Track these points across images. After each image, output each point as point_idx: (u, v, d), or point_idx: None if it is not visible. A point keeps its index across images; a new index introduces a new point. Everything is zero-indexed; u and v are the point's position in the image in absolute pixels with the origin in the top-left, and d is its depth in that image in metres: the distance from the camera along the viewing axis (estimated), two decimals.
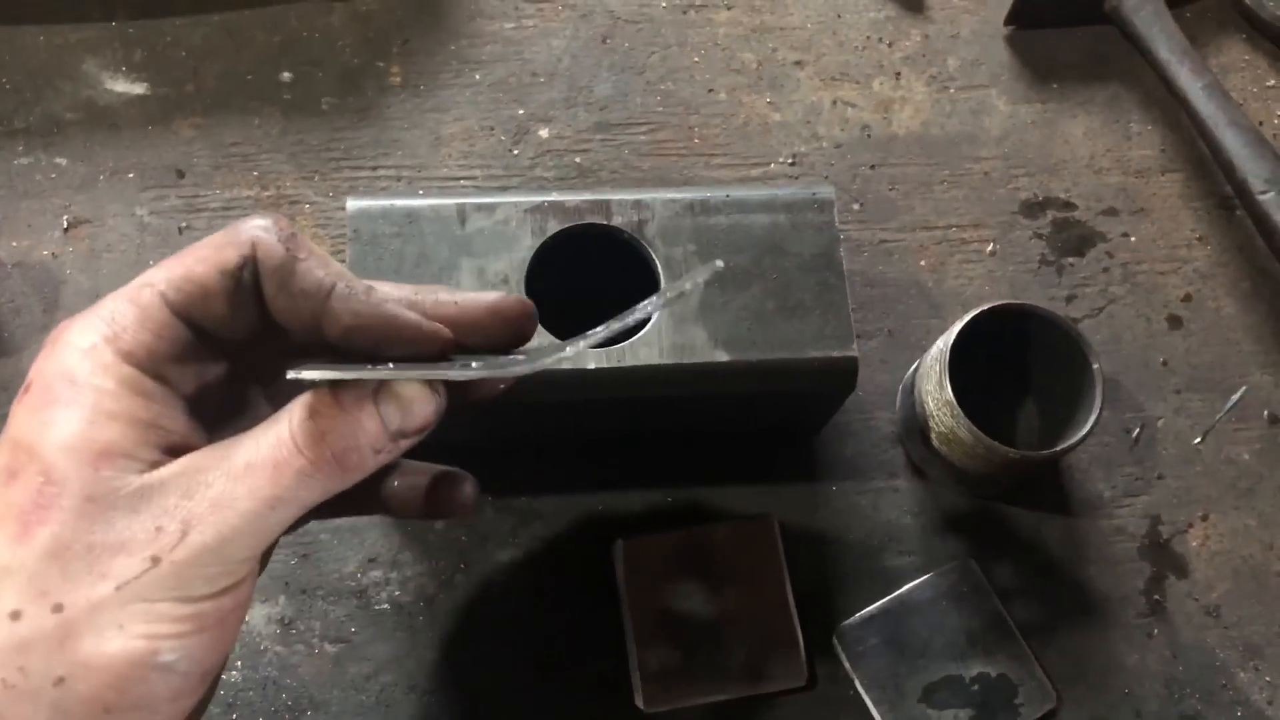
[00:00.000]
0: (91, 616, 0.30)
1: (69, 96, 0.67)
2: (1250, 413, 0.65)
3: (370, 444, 0.34)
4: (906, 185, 0.69)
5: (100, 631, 0.30)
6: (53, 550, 0.31)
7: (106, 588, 0.31)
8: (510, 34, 0.71)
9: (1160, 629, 0.61)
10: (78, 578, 0.31)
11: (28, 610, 0.30)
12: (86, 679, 0.30)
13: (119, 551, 0.31)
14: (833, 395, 0.56)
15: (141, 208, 0.65)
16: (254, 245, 0.34)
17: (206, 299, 0.34)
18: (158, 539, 0.31)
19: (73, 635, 0.30)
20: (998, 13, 0.73)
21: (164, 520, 0.31)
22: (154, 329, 0.33)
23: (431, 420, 0.35)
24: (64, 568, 0.31)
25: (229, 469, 0.32)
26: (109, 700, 0.31)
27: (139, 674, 0.31)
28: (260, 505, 0.32)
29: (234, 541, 0.32)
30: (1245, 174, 0.66)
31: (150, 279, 0.34)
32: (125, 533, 0.31)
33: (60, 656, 0.30)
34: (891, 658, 0.58)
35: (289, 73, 0.69)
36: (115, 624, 0.31)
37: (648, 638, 0.55)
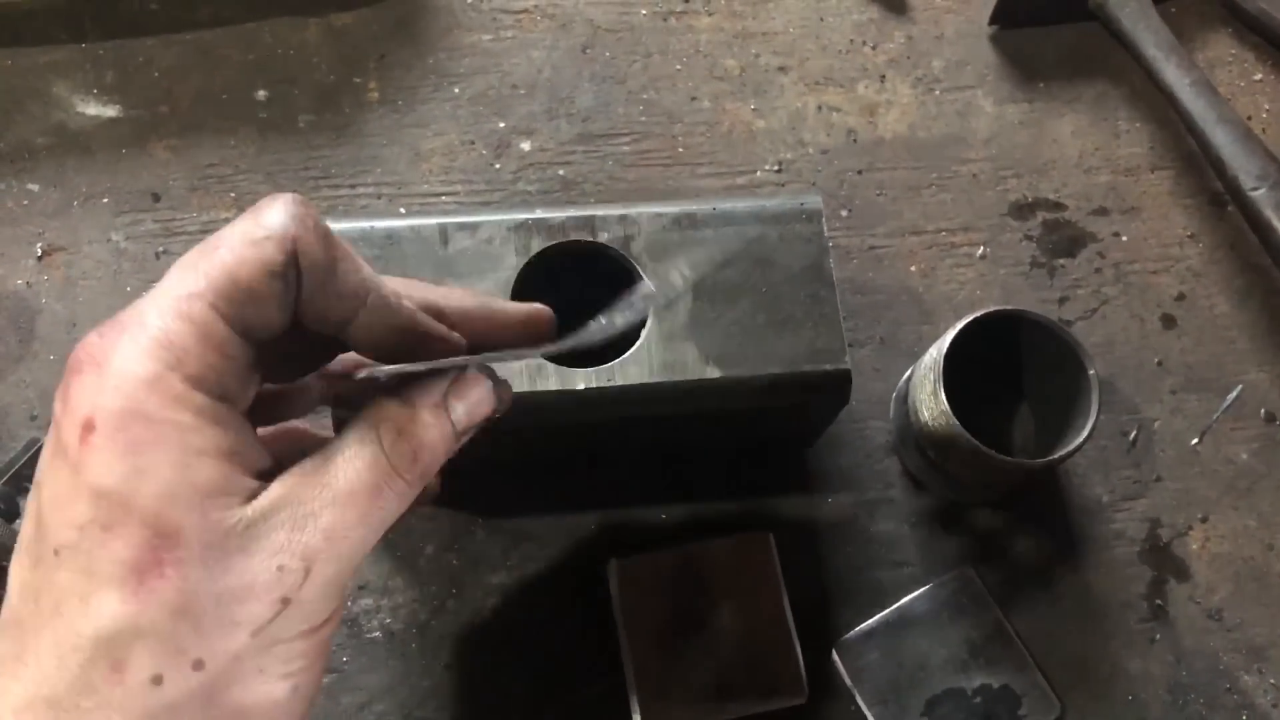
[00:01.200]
0: (233, 667, 0.30)
1: (40, 121, 0.66)
2: (1247, 411, 0.65)
3: (445, 449, 0.35)
4: (894, 190, 0.68)
5: (244, 681, 0.30)
6: (181, 606, 0.29)
7: (242, 636, 0.30)
8: (489, 46, 0.70)
9: (1163, 633, 0.60)
10: (211, 632, 0.30)
11: (168, 672, 0.29)
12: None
13: (246, 597, 0.30)
14: (826, 408, 0.55)
15: (117, 233, 0.64)
16: (293, 241, 0.31)
17: (259, 306, 0.31)
18: (282, 579, 0.31)
19: (218, 689, 0.30)
20: (982, 12, 0.73)
21: (283, 559, 0.31)
22: (216, 349, 0.30)
23: (491, 413, 0.36)
24: (194, 623, 0.29)
25: (333, 497, 0.32)
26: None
27: (281, 712, 0.32)
28: (368, 530, 0.33)
29: (348, 569, 0.32)
30: (1235, 170, 0.65)
31: (193, 287, 0.30)
32: (247, 576, 0.30)
33: (209, 713, 0.30)
34: (892, 671, 0.57)
35: (264, 91, 0.68)
36: (256, 670, 0.31)
37: (645, 658, 0.55)
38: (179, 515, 0.29)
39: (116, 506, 0.29)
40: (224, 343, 0.31)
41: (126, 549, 0.29)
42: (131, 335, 0.30)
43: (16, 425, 0.60)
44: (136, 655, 0.29)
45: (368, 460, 0.33)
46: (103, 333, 0.30)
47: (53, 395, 0.58)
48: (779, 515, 0.60)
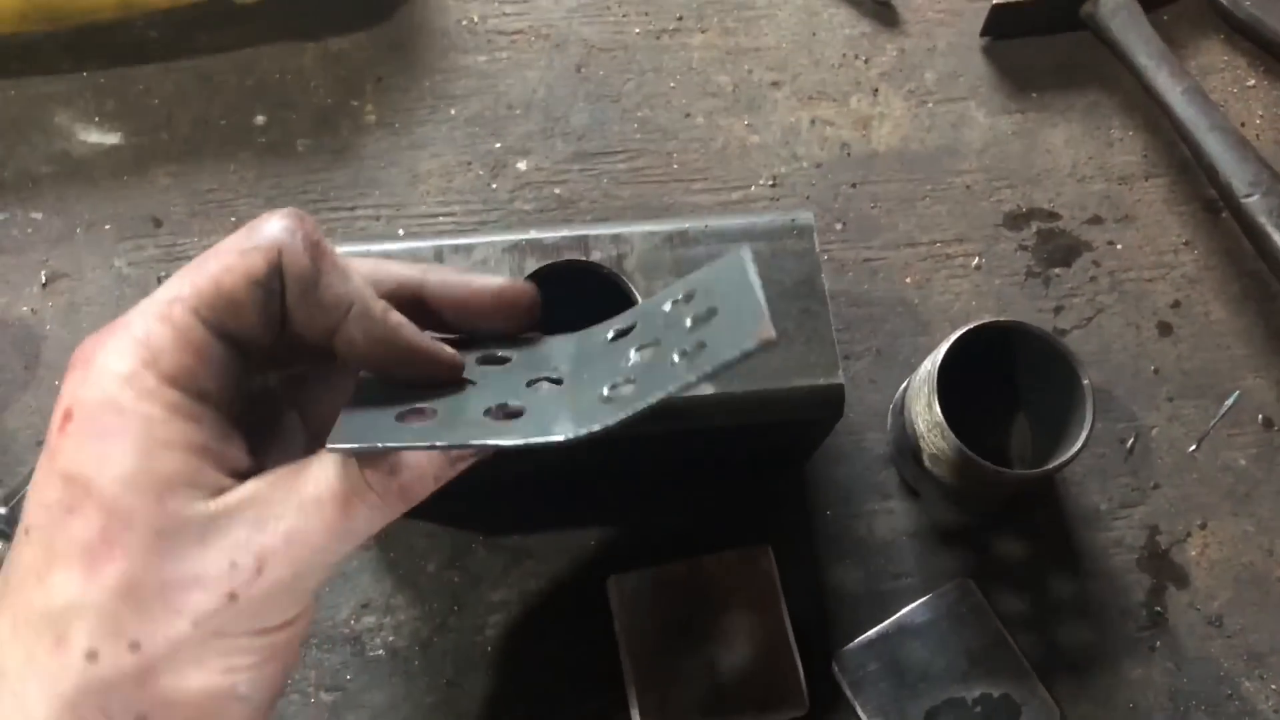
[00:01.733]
0: (170, 654, 0.30)
1: (43, 150, 0.67)
2: (1244, 417, 0.65)
3: (434, 473, 0.34)
4: (888, 202, 0.69)
5: (179, 669, 0.30)
6: (124, 588, 0.30)
7: (183, 625, 0.30)
8: (484, 67, 0.71)
9: (1163, 641, 0.60)
10: (153, 615, 0.30)
11: (104, 650, 0.30)
12: (168, 715, 0.31)
13: (193, 587, 0.31)
14: (821, 423, 0.56)
15: (119, 259, 0.65)
16: (280, 251, 0.32)
17: (239, 312, 0.32)
18: (232, 575, 0.31)
19: (152, 674, 0.30)
20: (974, 24, 0.73)
21: (237, 555, 0.31)
22: (192, 349, 0.32)
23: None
24: (137, 605, 0.30)
25: (299, 502, 0.32)
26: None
27: (218, 707, 0.31)
28: (332, 541, 0.32)
29: (306, 575, 0.32)
30: (1229, 177, 0.65)
31: (178, 293, 0.32)
32: (198, 567, 0.31)
33: (140, 695, 0.30)
34: (892, 682, 0.57)
35: (263, 116, 0.69)
36: (194, 660, 0.31)
37: (645, 673, 0.55)
38: (134, 501, 0.30)
39: (80, 489, 0.30)
40: (202, 345, 0.32)
41: (84, 530, 0.30)
42: (117, 336, 0.32)
43: (23, 451, 0.61)
44: (76, 631, 0.30)
45: (340, 471, 0.33)
46: (97, 334, 0.32)
47: None
48: (778, 528, 0.61)
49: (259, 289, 0.32)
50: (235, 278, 0.32)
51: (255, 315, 0.33)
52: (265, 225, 0.33)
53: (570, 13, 0.72)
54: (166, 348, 0.32)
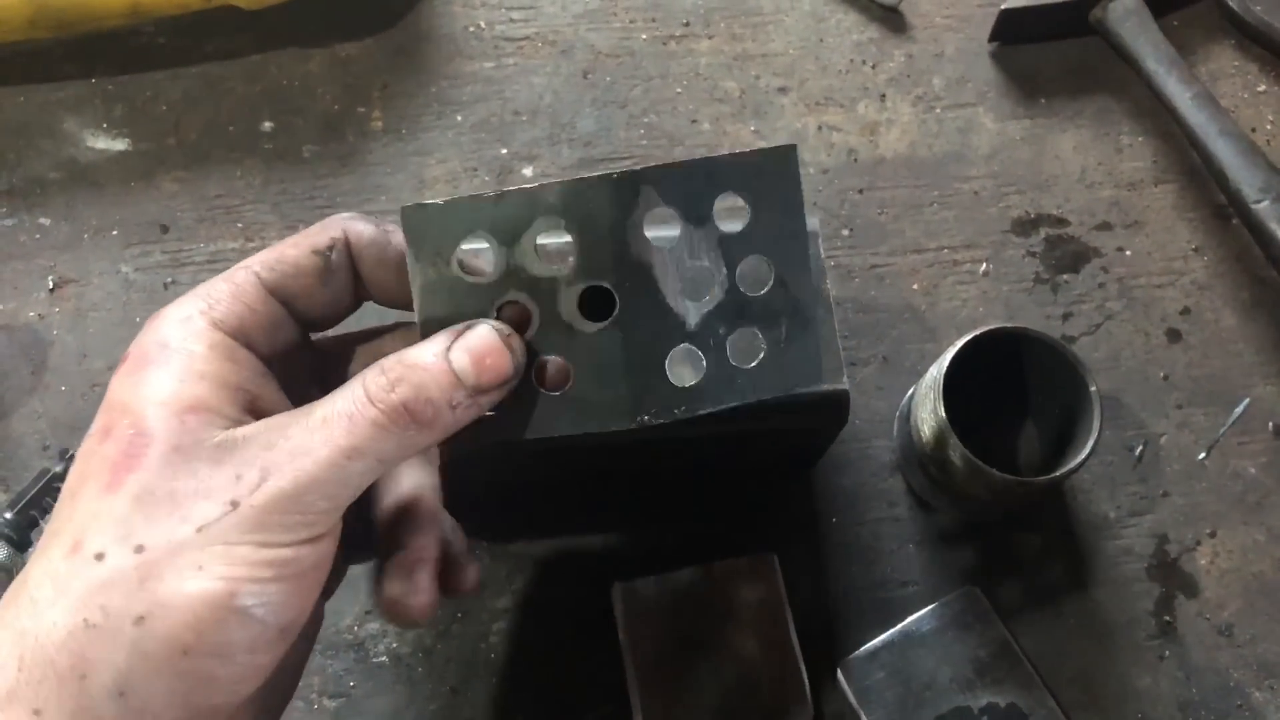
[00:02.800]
0: (172, 557, 0.31)
1: (51, 156, 0.67)
2: (1255, 425, 0.64)
3: (444, 396, 0.34)
4: (896, 208, 0.68)
5: (180, 572, 0.31)
6: (138, 496, 0.32)
7: (187, 530, 0.32)
8: (491, 73, 0.71)
9: (1172, 650, 0.60)
10: (160, 521, 0.32)
11: (110, 551, 0.31)
12: (165, 618, 0.31)
13: (201, 497, 0.32)
14: (826, 430, 0.55)
15: (126, 265, 0.65)
16: (344, 229, 0.37)
17: (299, 276, 0.37)
18: (237, 485, 0.32)
19: (153, 575, 0.31)
20: (982, 29, 0.73)
21: (244, 469, 0.32)
22: (246, 302, 0.36)
23: (508, 375, 0.36)
24: (148, 512, 0.32)
25: (307, 423, 0.33)
26: (187, 641, 0.31)
27: (217, 616, 0.31)
28: (337, 454, 0.33)
29: (312, 489, 0.33)
30: (1238, 183, 0.65)
31: (247, 263, 0.37)
32: (208, 481, 0.32)
33: (140, 595, 0.31)
34: (898, 691, 0.57)
35: (270, 122, 0.69)
36: (194, 565, 0.31)
37: (650, 681, 0.55)
38: (159, 419, 0.33)
39: (117, 412, 0.33)
40: (255, 299, 0.36)
41: (113, 446, 0.33)
42: (186, 295, 0.36)
43: (29, 456, 0.61)
44: (91, 535, 0.32)
45: (346, 392, 0.34)
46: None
47: (65, 427, 0.59)
48: (783, 536, 0.60)
49: (318, 257, 0.37)
50: (299, 249, 0.37)
51: (315, 281, 0.37)
52: (334, 216, 0.38)
53: (577, 19, 0.72)
54: (221, 299, 0.35)
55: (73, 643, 0.31)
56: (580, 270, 0.37)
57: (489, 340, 0.35)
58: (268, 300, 0.36)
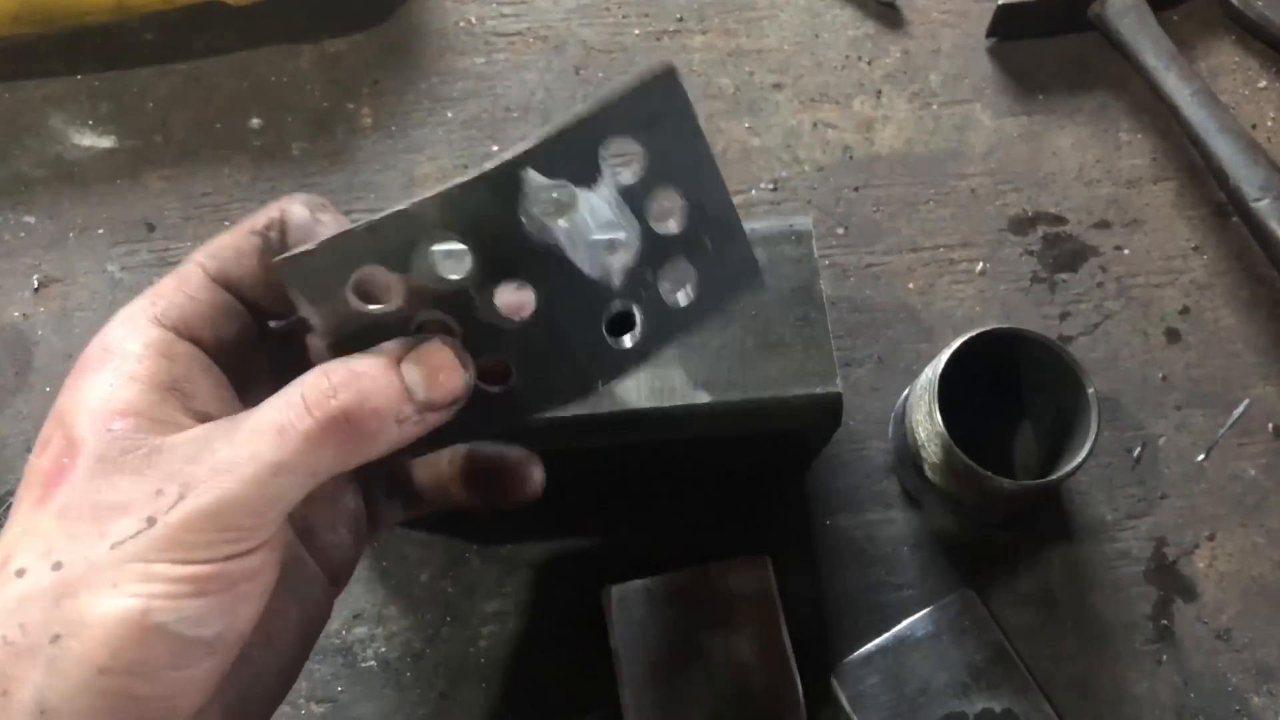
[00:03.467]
0: (87, 575, 0.30)
1: (36, 153, 0.66)
2: (1255, 426, 0.63)
3: (390, 409, 0.33)
4: (891, 206, 0.68)
5: (95, 589, 0.30)
6: (62, 511, 0.31)
7: (103, 547, 0.31)
8: (482, 69, 0.70)
9: (1169, 655, 0.59)
10: (79, 538, 0.31)
11: (31, 568, 0.31)
12: (80, 636, 0.30)
13: (120, 512, 0.31)
14: (819, 432, 0.55)
15: (112, 264, 0.64)
16: (282, 209, 0.36)
17: (239, 258, 0.36)
18: (156, 501, 0.31)
19: (69, 593, 0.30)
20: (979, 25, 0.72)
21: (164, 483, 0.31)
22: (189, 291, 0.35)
23: (460, 393, 0.34)
24: (69, 528, 0.31)
25: (233, 434, 0.32)
26: (102, 661, 0.30)
27: (133, 635, 0.30)
28: (263, 471, 0.31)
29: (234, 507, 0.31)
30: (1238, 181, 0.64)
31: (193, 255, 0.36)
32: (128, 494, 0.31)
33: (56, 613, 0.30)
34: (892, 696, 0.56)
35: (258, 119, 0.68)
36: (109, 582, 0.30)
37: (642, 684, 0.54)
38: (86, 428, 0.32)
39: (55, 423, 0.33)
40: (198, 288, 0.35)
41: (46, 459, 0.32)
42: (141, 294, 0.35)
43: (13, 457, 0.60)
44: (18, 552, 0.31)
45: (279, 401, 0.32)
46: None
47: None
48: (777, 538, 0.60)
49: (255, 237, 0.36)
50: (238, 233, 0.36)
51: (254, 261, 0.36)
52: (281, 198, 0.37)
53: (569, 14, 0.72)
54: (167, 292, 0.35)
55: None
56: (486, 273, 0.35)
57: (443, 355, 0.34)
58: (211, 288, 0.35)
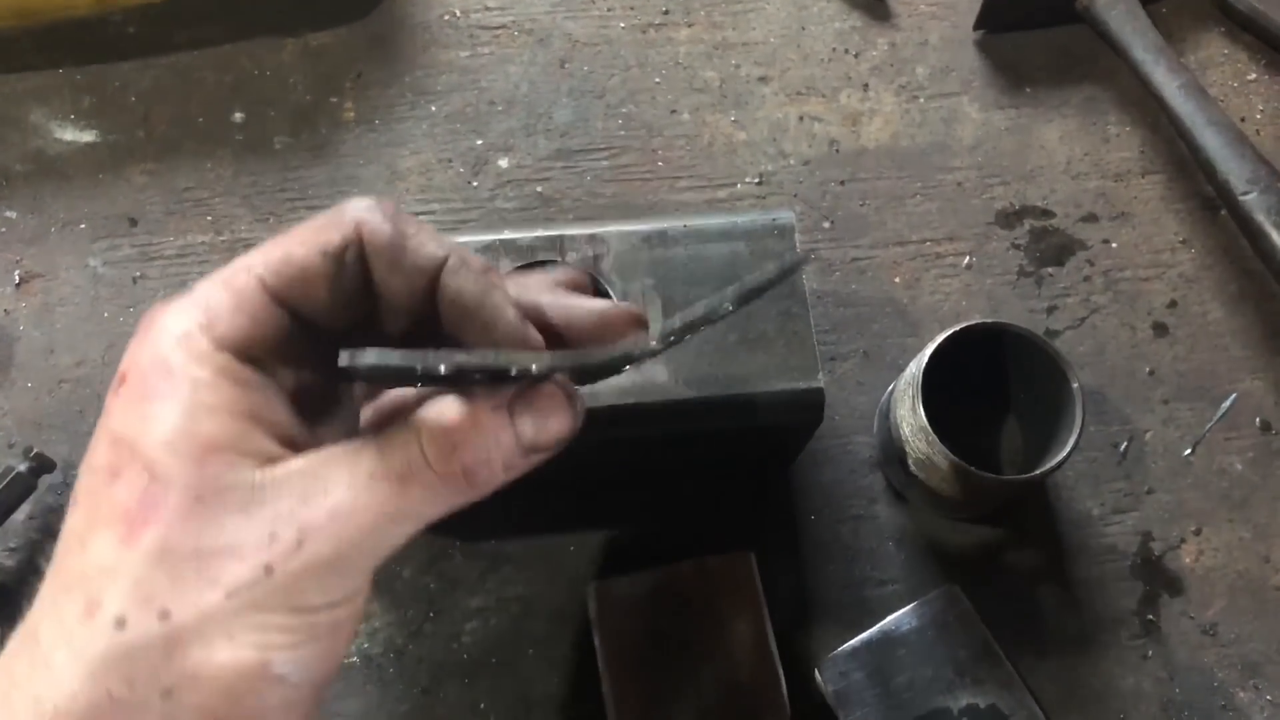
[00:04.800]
0: (200, 625, 0.29)
1: (17, 147, 0.66)
2: (1241, 420, 0.63)
3: (503, 459, 0.32)
4: (878, 200, 0.67)
5: (209, 641, 0.29)
6: (159, 554, 0.29)
7: (216, 595, 0.29)
8: (466, 63, 0.69)
9: (1155, 650, 0.59)
10: (185, 583, 0.29)
11: (133, 617, 0.29)
12: (196, 690, 0.29)
13: (230, 557, 0.29)
14: (801, 427, 0.54)
15: (94, 259, 0.64)
16: (358, 226, 0.32)
17: (306, 283, 0.32)
18: (271, 546, 0.29)
19: (180, 644, 0.29)
20: (966, 17, 0.72)
21: (279, 526, 0.30)
22: (250, 314, 0.31)
23: (567, 435, 0.33)
24: (171, 573, 0.29)
25: (350, 478, 0.30)
26: (220, 712, 0.29)
27: (250, 686, 0.29)
28: (381, 519, 0.30)
29: (351, 555, 0.30)
30: (1226, 174, 0.64)
31: (249, 262, 0.32)
32: (236, 536, 0.29)
33: (168, 667, 0.29)
34: (877, 691, 0.56)
35: (241, 113, 0.67)
36: (225, 633, 0.29)
37: (624, 680, 0.54)
38: (175, 464, 0.29)
39: (125, 451, 0.30)
40: (260, 311, 0.31)
41: (125, 493, 0.29)
42: (181, 300, 0.32)
43: None
44: (109, 597, 0.29)
45: (399, 447, 0.31)
46: (167, 300, 0.32)
47: (31, 424, 0.58)
48: (761, 534, 0.60)
49: (329, 261, 0.32)
50: (307, 250, 0.32)
51: (324, 288, 0.32)
52: (346, 205, 0.32)
53: (554, 7, 0.71)
54: (224, 312, 0.31)
55: (97, 715, 0.28)
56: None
57: (555, 401, 0.33)
58: (273, 311, 0.32)
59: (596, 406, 0.49)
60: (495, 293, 0.32)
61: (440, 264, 0.32)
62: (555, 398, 0.33)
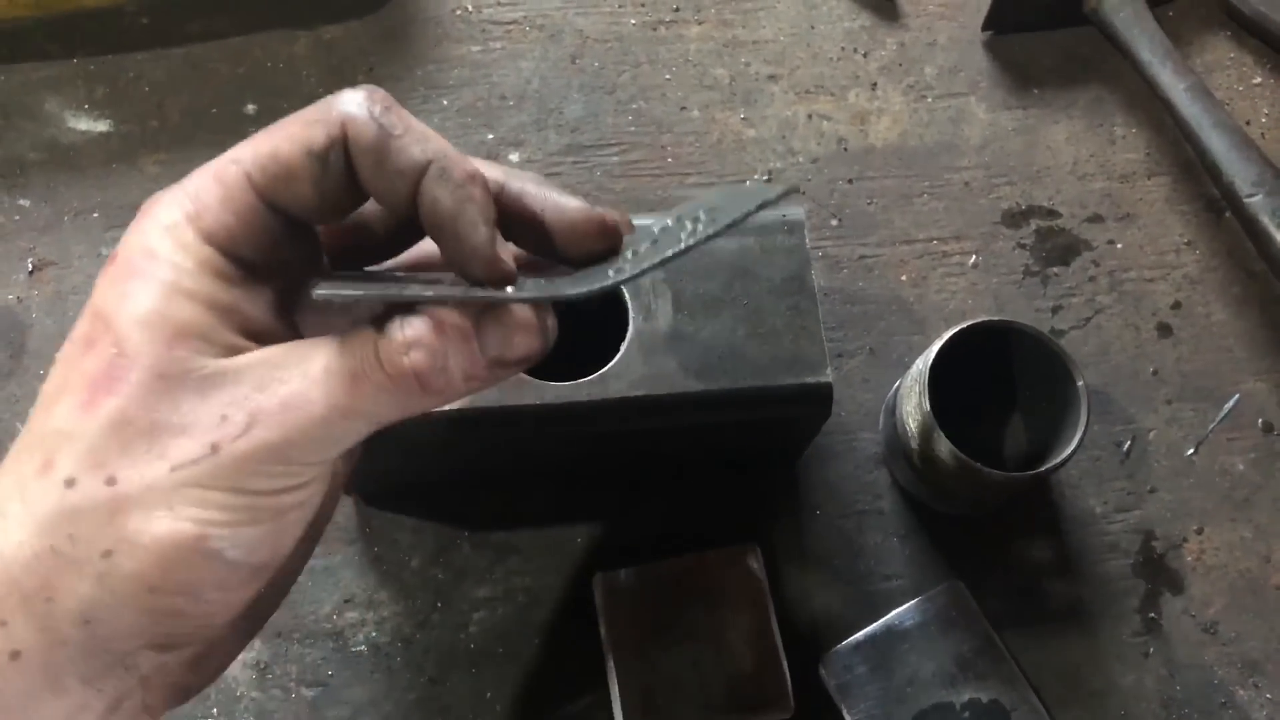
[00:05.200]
0: (143, 494, 0.30)
1: (31, 136, 0.66)
2: (1244, 421, 0.64)
3: (462, 369, 0.32)
4: (885, 199, 0.68)
5: (149, 510, 0.30)
6: (115, 423, 0.30)
7: (162, 468, 0.30)
8: (478, 57, 0.70)
9: (1156, 647, 0.59)
10: (135, 454, 0.30)
11: (82, 479, 0.30)
12: (132, 555, 0.30)
13: (180, 434, 0.30)
14: (809, 421, 0.55)
15: (107, 248, 0.64)
16: (344, 124, 0.32)
17: (291, 181, 0.32)
18: (221, 427, 0.30)
19: (122, 510, 0.30)
20: (975, 18, 0.72)
21: (230, 410, 0.31)
22: (236, 210, 0.32)
23: (535, 355, 0.33)
24: (124, 442, 0.30)
25: (306, 370, 0.31)
26: (153, 580, 0.30)
27: (184, 557, 0.30)
28: (332, 413, 0.31)
29: (299, 444, 0.31)
30: (1232, 177, 0.64)
31: (238, 154, 0.33)
32: (190, 416, 0.30)
33: (109, 530, 0.30)
34: (880, 686, 0.56)
35: (254, 105, 0.68)
36: (165, 504, 0.30)
37: (630, 672, 0.54)
38: (144, 341, 0.30)
39: (101, 324, 0.31)
40: (247, 209, 0.32)
41: (94, 363, 0.31)
42: (173, 190, 0.33)
43: (6, 440, 0.60)
44: (63, 458, 0.30)
45: (354, 346, 0.32)
46: (165, 188, 0.33)
47: None
48: (766, 528, 0.60)
49: (315, 161, 0.32)
50: (293, 147, 0.32)
51: (309, 188, 0.32)
52: (336, 98, 0.32)
53: (565, 3, 0.72)
54: (213, 205, 0.32)
55: (39, 566, 0.30)
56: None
57: (523, 318, 0.33)
58: (259, 209, 0.32)
59: (606, 399, 0.50)
60: (470, 207, 0.32)
61: (422, 169, 0.32)
62: (523, 314, 0.33)
